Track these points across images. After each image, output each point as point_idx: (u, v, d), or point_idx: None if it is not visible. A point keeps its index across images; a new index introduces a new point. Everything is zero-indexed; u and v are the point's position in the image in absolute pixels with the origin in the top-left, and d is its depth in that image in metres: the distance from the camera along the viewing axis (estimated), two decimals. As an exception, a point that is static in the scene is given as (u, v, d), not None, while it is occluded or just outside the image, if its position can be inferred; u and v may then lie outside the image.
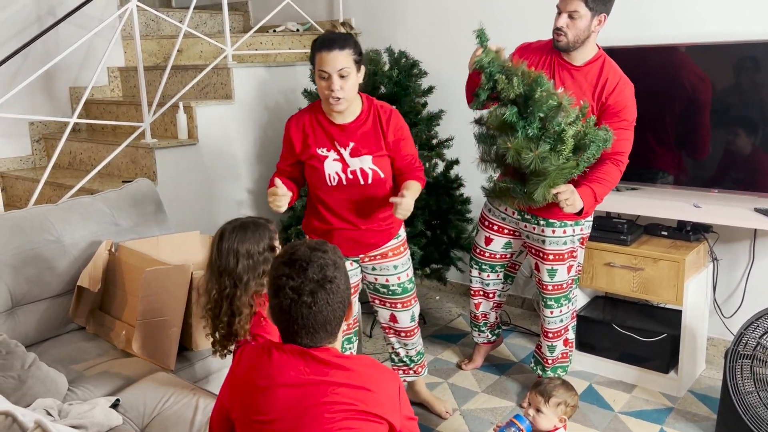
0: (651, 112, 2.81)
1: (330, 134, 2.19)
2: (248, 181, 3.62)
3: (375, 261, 2.37)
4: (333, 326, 1.34)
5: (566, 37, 2.30)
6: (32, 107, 3.67)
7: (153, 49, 4.10)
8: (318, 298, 1.30)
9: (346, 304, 1.36)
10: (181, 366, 2.27)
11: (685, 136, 2.82)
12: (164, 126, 3.48)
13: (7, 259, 2.27)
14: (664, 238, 2.82)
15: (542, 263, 2.53)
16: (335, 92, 2.06)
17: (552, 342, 2.66)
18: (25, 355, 1.96)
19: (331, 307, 1.31)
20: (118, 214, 2.62)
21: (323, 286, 1.31)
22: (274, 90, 3.70)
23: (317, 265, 1.32)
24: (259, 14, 4.50)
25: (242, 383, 1.36)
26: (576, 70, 2.36)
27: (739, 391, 2.22)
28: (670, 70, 2.80)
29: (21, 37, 3.60)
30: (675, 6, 2.93)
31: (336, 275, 1.33)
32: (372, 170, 2.19)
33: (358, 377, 1.32)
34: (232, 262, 1.76)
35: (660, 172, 2.90)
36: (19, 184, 3.49)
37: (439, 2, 3.63)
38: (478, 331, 2.92)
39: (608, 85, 2.32)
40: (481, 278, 2.78)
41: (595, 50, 2.37)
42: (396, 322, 2.50)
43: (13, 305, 2.29)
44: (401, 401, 1.37)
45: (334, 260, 1.35)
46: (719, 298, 3.00)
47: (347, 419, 1.27)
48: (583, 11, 2.25)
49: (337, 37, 2.08)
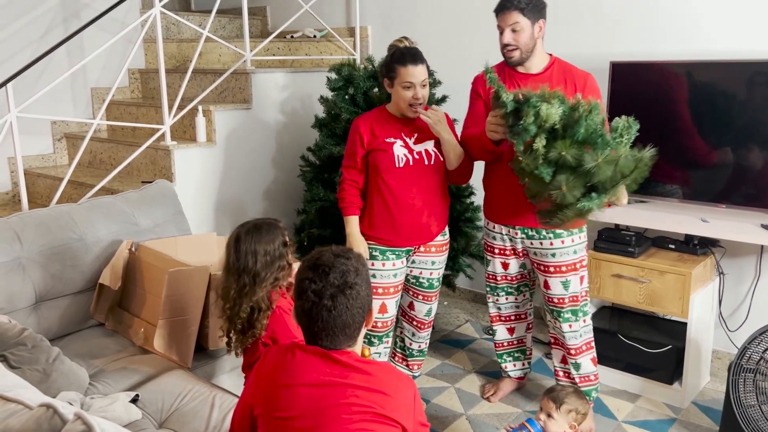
0: (660, 127, 2.86)
1: (396, 127, 2.45)
2: (264, 185, 3.69)
3: (418, 254, 2.55)
4: (352, 330, 1.40)
5: (518, 50, 2.36)
6: (54, 107, 3.76)
7: (172, 51, 4.19)
8: (338, 302, 1.37)
9: (366, 310, 1.43)
10: (197, 364, 2.34)
11: (694, 151, 2.86)
12: (183, 128, 3.56)
13: (32, 255, 2.35)
14: (672, 251, 2.87)
15: (556, 277, 2.49)
16: (419, 100, 2.37)
17: (576, 359, 2.57)
18: (50, 350, 2.03)
19: (351, 312, 1.38)
20: (138, 214, 2.70)
21: (343, 291, 1.37)
22: (290, 95, 3.77)
23: (339, 271, 1.38)
24: (277, 20, 4.58)
25: (266, 380, 1.43)
26: (536, 77, 2.41)
27: (741, 404, 2.26)
28: (679, 85, 2.85)
29: (47, 38, 3.70)
30: (686, 23, 2.98)
31: (357, 281, 1.39)
32: (434, 153, 2.45)
33: (376, 381, 1.38)
34: (251, 261, 1.86)
35: (669, 186, 2.95)
36: (40, 182, 3.57)
37: (453, 11, 3.69)
38: (513, 360, 2.82)
39: (578, 79, 2.39)
40: (510, 303, 2.71)
41: (547, 56, 2.44)
42: (413, 309, 2.66)
43: (37, 300, 2.37)
44: (416, 407, 1.43)
45: (356, 267, 1.41)
46: (725, 311, 3.04)
47: (364, 421, 1.33)
48: (523, 21, 2.32)
49: (416, 52, 2.38)
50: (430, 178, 2.47)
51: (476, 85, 2.56)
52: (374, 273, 2.49)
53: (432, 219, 2.50)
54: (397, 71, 2.36)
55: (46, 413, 1.11)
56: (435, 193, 2.49)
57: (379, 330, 2.55)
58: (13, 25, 3.61)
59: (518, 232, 2.51)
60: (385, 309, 2.52)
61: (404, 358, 2.78)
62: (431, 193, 2.48)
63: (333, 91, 3.28)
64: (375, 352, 2.59)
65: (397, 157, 2.42)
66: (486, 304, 3.85)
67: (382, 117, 2.48)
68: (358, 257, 1.45)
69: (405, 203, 2.45)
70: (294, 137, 3.80)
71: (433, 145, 2.46)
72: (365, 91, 3.20)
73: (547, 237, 2.46)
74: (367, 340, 2.57)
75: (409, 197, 2.45)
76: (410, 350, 2.74)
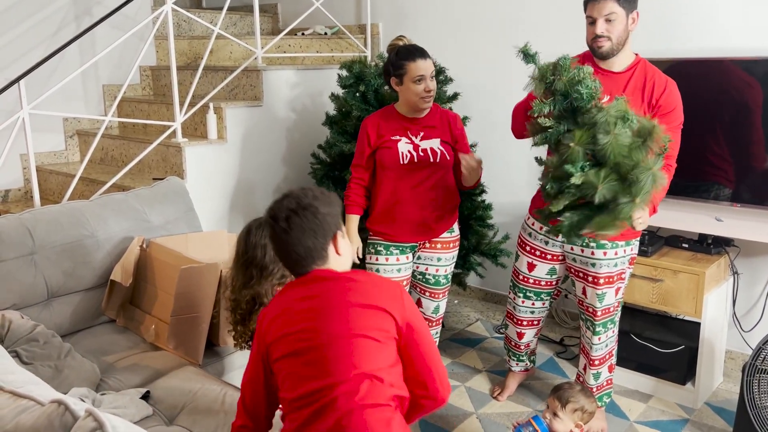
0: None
1: (403, 125, 2.47)
2: (275, 182, 3.69)
3: (423, 250, 2.55)
4: (318, 252, 1.45)
5: (610, 41, 2.24)
6: (66, 104, 3.77)
7: (183, 48, 4.19)
8: (292, 223, 1.42)
9: (329, 234, 1.47)
10: (207, 361, 2.34)
11: (708, 150, 2.83)
12: (194, 125, 3.56)
13: (45, 251, 2.36)
14: (685, 250, 2.84)
15: (592, 287, 2.41)
16: (430, 92, 2.39)
17: (598, 369, 2.54)
18: (62, 345, 2.04)
19: (309, 233, 1.43)
20: (150, 211, 2.70)
21: (296, 212, 1.43)
22: (301, 93, 3.76)
23: (295, 197, 1.46)
24: (288, 17, 4.58)
25: (267, 319, 1.48)
26: (618, 76, 2.31)
27: (755, 405, 2.24)
28: (692, 83, 2.81)
29: (59, 36, 3.71)
30: (694, 20, 2.95)
31: (313, 204, 1.45)
32: (440, 150, 2.45)
33: (361, 281, 1.46)
34: (260, 253, 1.87)
35: (683, 185, 2.92)
36: (52, 178, 3.59)
37: (465, 9, 3.67)
38: (517, 361, 2.81)
39: (657, 86, 2.28)
40: (526, 307, 2.64)
41: (633, 54, 2.34)
42: (420, 306, 2.66)
43: (49, 297, 2.38)
44: (405, 302, 1.47)
45: (315, 195, 1.47)
46: (739, 312, 3.01)
47: (357, 308, 1.42)
48: (618, 11, 2.20)
49: (421, 48, 2.42)
50: (435, 175, 2.46)
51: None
52: (378, 267, 2.53)
53: (435, 216, 2.49)
54: (406, 67, 2.38)
55: (57, 410, 1.11)
56: (440, 191, 2.48)
57: None
58: (26, 22, 3.63)
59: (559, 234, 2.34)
60: None
61: None
62: (436, 190, 2.47)
63: (344, 89, 3.27)
64: None
65: (401, 153, 2.43)
66: (497, 303, 3.85)
67: (390, 115, 2.49)
68: (325, 192, 1.50)
69: (408, 199, 2.45)
70: (305, 134, 3.80)
71: (439, 143, 2.45)
72: (376, 89, 3.19)
73: (589, 246, 2.37)
74: None
75: (412, 194, 2.45)
76: None
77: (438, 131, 2.46)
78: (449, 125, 2.50)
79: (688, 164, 2.88)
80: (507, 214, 3.62)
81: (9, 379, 1.40)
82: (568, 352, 3.25)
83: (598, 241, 2.34)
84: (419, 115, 2.47)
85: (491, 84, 3.60)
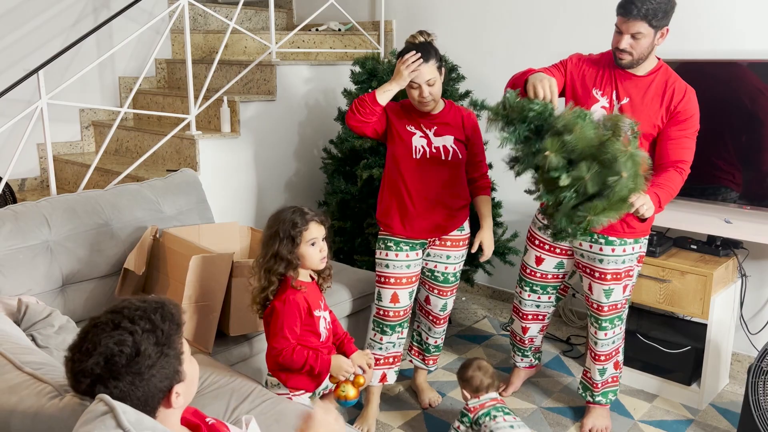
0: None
1: (417, 119, 2.45)
2: (286, 176, 3.72)
3: (433, 247, 2.56)
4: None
5: (631, 56, 2.24)
6: (83, 94, 3.83)
7: (199, 42, 4.24)
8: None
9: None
10: (218, 350, 2.37)
11: (718, 152, 2.83)
12: (208, 119, 3.60)
13: (60, 239, 2.41)
14: (693, 251, 2.85)
15: (599, 283, 2.43)
16: (425, 99, 2.35)
17: (603, 365, 2.55)
18: (76, 331, 2.08)
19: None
20: (163, 201, 2.74)
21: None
22: (314, 88, 3.79)
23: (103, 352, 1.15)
24: (302, 12, 4.61)
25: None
26: (639, 79, 2.32)
27: (760, 407, 2.25)
28: (702, 85, 2.81)
29: (77, 27, 3.76)
30: (711, 22, 2.95)
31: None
32: (453, 149, 2.45)
33: None
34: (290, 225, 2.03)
35: (692, 186, 2.92)
36: (68, 168, 3.64)
37: (478, 6, 3.69)
38: (522, 356, 2.84)
39: (677, 92, 2.28)
40: (532, 300, 2.67)
41: (655, 59, 2.33)
42: (429, 303, 2.68)
43: (63, 283, 2.42)
44: None
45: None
46: (746, 314, 3.01)
47: None
48: (646, 31, 2.18)
49: (422, 50, 2.29)
50: (446, 173, 2.46)
51: (569, 62, 2.42)
52: (387, 263, 2.52)
53: (445, 214, 2.49)
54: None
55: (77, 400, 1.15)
56: (450, 189, 2.48)
57: (390, 319, 2.56)
58: (46, 13, 3.68)
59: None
60: (397, 299, 2.53)
61: (420, 352, 2.79)
62: (446, 187, 2.47)
63: (357, 85, 3.30)
64: (388, 341, 2.59)
65: (414, 147, 2.42)
66: (504, 300, 3.87)
67: (406, 106, 2.49)
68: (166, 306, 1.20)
69: (418, 195, 2.45)
70: (317, 130, 3.83)
71: (452, 141, 2.44)
72: (389, 85, 3.21)
73: (598, 242, 2.39)
74: (379, 329, 2.58)
75: (422, 190, 2.45)
76: (426, 345, 2.76)
77: (451, 128, 2.45)
78: (462, 123, 2.49)
79: (699, 165, 2.88)
80: (516, 212, 3.63)
81: (27, 359, 1.44)
82: (574, 351, 3.27)
83: (607, 237, 2.36)
84: (431, 111, 2.46)
85: (503, 81, 3.61)
